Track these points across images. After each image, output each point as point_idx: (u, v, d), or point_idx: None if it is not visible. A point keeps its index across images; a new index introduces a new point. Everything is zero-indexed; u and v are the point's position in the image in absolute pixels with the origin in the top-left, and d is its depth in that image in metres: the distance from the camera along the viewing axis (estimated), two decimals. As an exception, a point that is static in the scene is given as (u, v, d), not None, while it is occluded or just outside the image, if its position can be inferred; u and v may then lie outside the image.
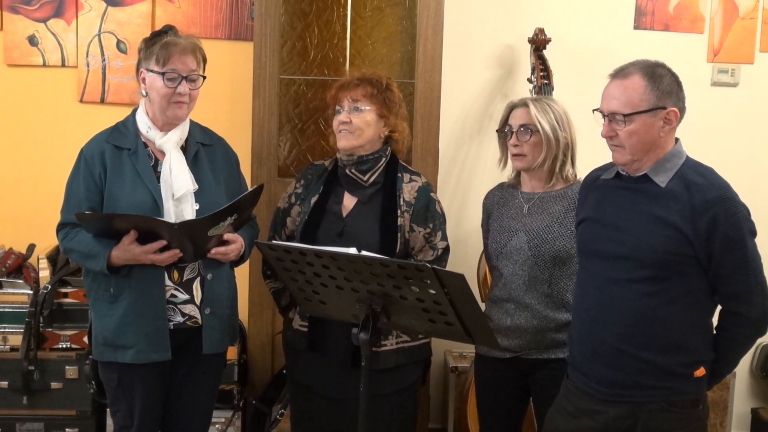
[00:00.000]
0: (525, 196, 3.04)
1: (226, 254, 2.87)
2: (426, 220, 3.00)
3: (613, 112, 2.48)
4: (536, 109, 2.96)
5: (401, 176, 3.03)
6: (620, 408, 2.54)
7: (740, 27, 4.26)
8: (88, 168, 2.83)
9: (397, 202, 2.98)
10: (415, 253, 3.01)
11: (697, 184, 2.46)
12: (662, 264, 2.45)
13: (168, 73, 2.79)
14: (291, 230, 3.09)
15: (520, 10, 4.18)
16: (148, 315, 2.81)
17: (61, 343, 3.80)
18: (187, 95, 2.83)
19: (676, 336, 2.48)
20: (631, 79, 2.48)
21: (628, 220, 2.51)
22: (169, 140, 2.86)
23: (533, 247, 2.93)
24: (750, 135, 4.33)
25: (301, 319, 3.02)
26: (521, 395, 3.05)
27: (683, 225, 2.42)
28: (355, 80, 3.00)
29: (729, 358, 2.57)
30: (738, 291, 2.46)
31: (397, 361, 2.96)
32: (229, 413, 3.80)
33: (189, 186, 2.84)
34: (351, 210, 2.99)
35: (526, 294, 2.94)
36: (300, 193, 3.09)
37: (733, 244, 2.43)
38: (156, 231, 2.72)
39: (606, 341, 2.53)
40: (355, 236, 2.89)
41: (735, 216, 2.43)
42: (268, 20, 3.76)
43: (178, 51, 2.80)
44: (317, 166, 3.14)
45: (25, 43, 4.08)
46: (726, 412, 4.07)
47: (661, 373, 2.49)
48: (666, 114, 2.48)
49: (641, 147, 2.48)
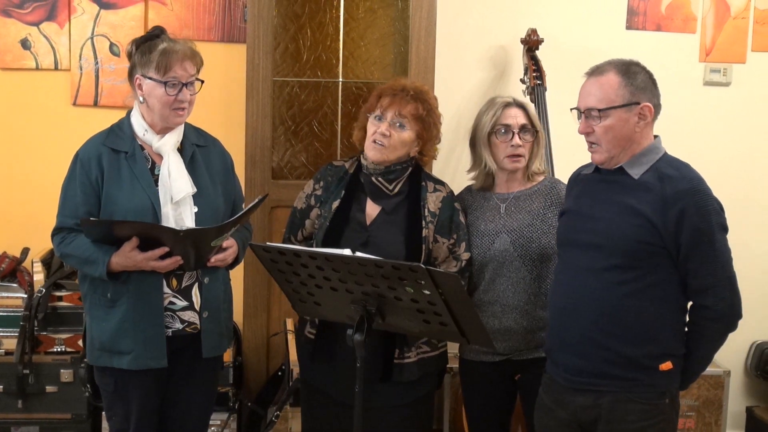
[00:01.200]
0: (499, 196, 3.03)
1: (225, 260, 2.87)
2: (450, 231, 2.95)
3: (589, 108, 2.54)
4: (531, 110, 2.98)
5: (425, 185, 2.97)
6: (586, 397, 2.57)
7: (732, 26, 4.28)
8: (84, 171, 2.80)
9: (422, 213, 2.92)
10: (438, 264, 2.94)
11: (669, 177, 2.50)
12: (632, 252, 2.48)
13: (170, 81, 2.76)
14: (309, 232, 3.03)
15: (512, 11, 4.18)
16: (145, 322, 2.79)
17: (55, 346, 3.79)
18: (188, 101, 2.82)
19: (645, 327, 2.51)
20: (606, 76, 2.53)
21: (602, 211, 2.56)
22: (167, 143, 2.84)
23: (518, 247, 2.93)
24: (742, 134, 4.35)
25: (311, 326, 2.99)
26: (508, 395, 3.07)
27: (653, 215, 2.47)
28: (410, 94, 2.89)
29: (700, 353, 2.58)
30: (706, 284, 2.49)
31: (420, 373, 2.93)
32: (224, 416, 3.79)
33: (188, 189, 2.81)
34: (375, 219, 2.94)
35: (514, 295, 2.94)
36: (320, 195, 3.02)
37: (702, 237, 2.46)
38: (159, 238, 2.70)
39: (575, 330, 2.56)
40: (380, 247, 2.82)
41: (705, 209, 2.46)
42: (260, 22, 3.77)
43: (179, 58, 2.77)
44: (337, 168, 3.05)
45: (18, 47, 4.07)
46: (721, 411, 4.07)
47: (626, 363, 2.52)
48: (640, 109, 2.52)
49: (617, 142, 2.53)
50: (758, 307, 4.31)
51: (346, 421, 2.89)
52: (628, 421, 2.53)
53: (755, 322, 4.29)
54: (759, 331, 4.36)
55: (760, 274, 4.36)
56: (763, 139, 4.35)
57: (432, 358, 2.97)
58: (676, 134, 4.12)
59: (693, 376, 2.64)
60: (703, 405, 4.06)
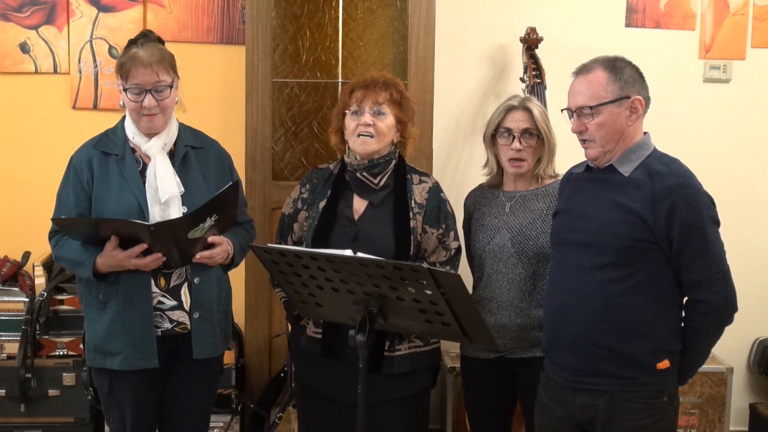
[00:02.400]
0: (507, 195, 3.05)
1: (212, 257, 2.84)
2: (439, 221, 2.99)
3: (580, 107, 2.55)
4: (538, 114, 2.97)
5: (410, 178, 3.02)
6: (584, 396, 2.57)
7: (731, 23, 4.27)
8: (76, 175, 2.84)
9: (409, 205, 2.97)
10: (428, 255, 2.98)
11: (659, 172, 2.51)
12: (624, 250, 2.49)
13: (131, 88, 2.77)
14: (299, 236, 3.05)
15: (511, 10, 4.18)
16: (134, 322, 2.80)
17: (57, 350, 3.79)
18: (156, 106, 2.79)
19: (640, 324, 2.51)
20: (593, 73, 2.55)
21: (594, 209, 2.57)
22: (153, 146, 2.85)
23: (516, 244, 2.94)
24: (742, 131, 4.34)
25: (315, 326, 2.99)
26: (508, 394, 3.06)
27: (644, 211, 2.47)
28: (380, 83, 2.96)
29: (696, 348, 2.58)
30: (699, 278, 2.49)
31: (411, 366, 2.95)
32: (227, 417, 3.79)
33: (174, 190, 2.82)
34: (363, 214, 2.97)
35: (509, 292, 2.95)
36: (306, 197, 3.05)
37: (693, 231, 2.46)
38: (136, 235, 2.71)
39: (571, 328, 2.57)
40: (370, 241, 2.86)
41: (695, 202, 2.47)
42: (259, 24, 3.76)
43: (138, 64, 2.76)
44: (322, 170, 3.10)
45: (17, 51, 4.07)
46: (724, 408, 4.07)
47: (623, 361, 2.52)
48: (631, 103, 2.54)
49: (610, 137, 2.54)
50: (761, 303, 4.31)
51: (345, 422, 2.90)
52: (627, 420, 2.53)
53: (758, 319, 4.29)
54: (762, 328, 4.35)
55: (762, 270, 4.36)
56: (762, 136, 4.35)
57: (425, 353, 2.99)
58: (676, 131, 4.14)
59: (691, 372, 2.64)
60: (706, 402, 4.06)
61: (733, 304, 2.53)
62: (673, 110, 4.13)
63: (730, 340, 2.62)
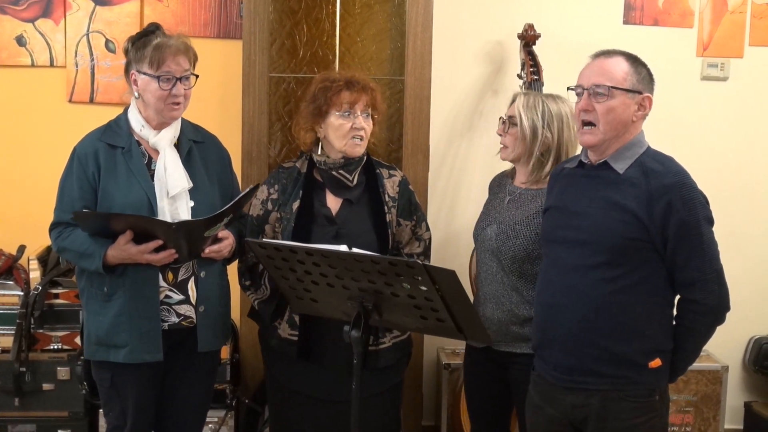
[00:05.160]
0: (511, 188, 3.04)
1: (220, 251, 2.87)
2: (411, 213, 3.05)
3: (596, 84, 2.52)
4: (523, 102, 2.95)
5: (380, 172, 3.05)
6: (576, 395, 2.57)
7: (729, 21, 4.27)
8: (81, 167, 2.82)
9: (383, 199, 2.99)
10: (402, 247, 3.03)
11: (654, 171, 2.50)
12: (619, 249, 2.48)
13: (163, 75, 2.78)
14: (271, 237, 3.03)
15: (509, 6, 4.18)
16: (141, 315, 2.80)
17: (52, 344, 3.79)
18: (182, 95, 2.83)
19: (633, 323, 2.50)
20: (615, 58, 2.55)
21: (587, 207, 2.56)
22: (163, 138, 2.85)
23: (498, 240, 2.94)
24: (740, 129, 4.34)
25: (291, 328, 2.99)
26: (498, 384, 3.03)
27: (639, 210, 2.47)
28: (369, 86, 2.99)
29: (688, 347, 2.58)
30: (694, 278, 2.49)
31: (395, 358, 2.97)
32: (222, 413, 3.79)
33: (184, 184, 2.83)
34: (339, 211, 2.98)
35: (490, 285, 2.95)
36: (276, 198, 3.03)
37: (689, 230, 2.46)
38: (152, 231, 2.71)
39: (564, 327, 2.56)
40: (351, 238, 2.85)
41: (691, 202, 2.46)
42: (257, 18, 3.75)
43: (171, 53, 2.79)
44: (289, 169, 3.08)
45: (13, 44, 4.06)
46: (719, 406, 4.07)
47: (615, 361, 2.52)
48: (642, 99, 2.54)
49: (614, 126, 2.52)
50: (756, 302, 4.31)
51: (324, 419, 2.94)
52: (619, 419, 2.52)
53: (753, 317, 4.29)
54: (757, 326, 4.35)
55: (758, 268, 4.36)
56: (760, 134, 4.35)
57: (404, 341, 3.06)
58: (673, 129, 4.14)
59: (681, 370, 2.65)
60: (701, 400, 4.06)
61: (726, 303, 2.53)
62: (670, 108, 4.13)
63: (726, 338, 2.61)
